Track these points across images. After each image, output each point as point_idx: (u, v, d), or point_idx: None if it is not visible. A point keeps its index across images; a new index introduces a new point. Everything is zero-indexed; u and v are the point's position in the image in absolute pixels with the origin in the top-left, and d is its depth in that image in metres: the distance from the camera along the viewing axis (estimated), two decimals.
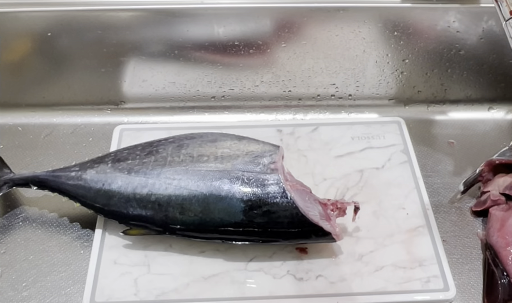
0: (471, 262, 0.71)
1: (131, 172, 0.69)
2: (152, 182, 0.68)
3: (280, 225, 0.66)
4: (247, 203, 0.66)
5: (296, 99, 0.91)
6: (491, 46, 0.86)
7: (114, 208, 0.69)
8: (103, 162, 0.71)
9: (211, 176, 0.67)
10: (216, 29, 0.84)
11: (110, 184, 0.69)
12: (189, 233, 0.68)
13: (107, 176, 0.69)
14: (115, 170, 0.70)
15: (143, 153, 0.72)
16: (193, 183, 0.67)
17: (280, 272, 0.68)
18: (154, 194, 0.67)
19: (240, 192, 0.66)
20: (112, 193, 0.69)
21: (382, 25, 0.85)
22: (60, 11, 0.82)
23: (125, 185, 0.68)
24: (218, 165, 0.68)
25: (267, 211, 0.66)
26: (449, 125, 0.89)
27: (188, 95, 0.90)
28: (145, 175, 0.69)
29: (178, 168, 0.69)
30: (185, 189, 0.67)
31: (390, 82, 0.90)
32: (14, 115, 0.88)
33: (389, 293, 0.66)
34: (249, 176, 0.67)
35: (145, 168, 0.69)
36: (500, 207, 0.73)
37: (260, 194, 0.66)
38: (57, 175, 0.71)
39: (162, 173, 0.68)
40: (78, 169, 0.71)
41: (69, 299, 0.67)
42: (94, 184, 0.70)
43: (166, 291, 0.66)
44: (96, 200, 0.69)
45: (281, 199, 0.66)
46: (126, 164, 0.70)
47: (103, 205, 0.69)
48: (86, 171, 0.71)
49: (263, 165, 0.68)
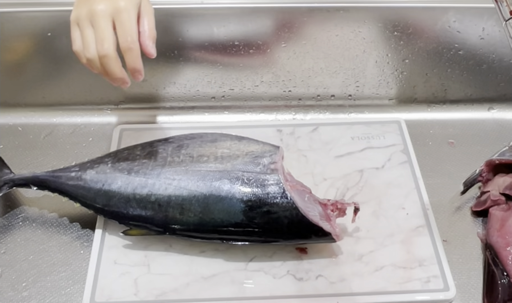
0: (471, 262, 0.71)
1: (131, 173, 0.69)
2: (152, 183, 0.68)
3: (280, 226, 0.66)
4: (247, 204, 0.66)
5: (296, 99, 0.91)
6: (491, 46, 0.86)
7: (114, 208, 0.69)
8: (103, 162, 0.71)
9: (211, 177, 0.67)
10: (216, 29, 0.84)
11: (110, 185, 0.69)
12: (189, 233, 0.68)
13: (107, 177, 0.69)
14: (115, 170, 0.70)
15: (143, 153, 0.72)
16: (193, 184, 0.67)
17: (280, 272, 0.68)
18: (154, 195, 0.67)
19: (240, 193, 0.66)
20: (112, 194, 0.69)
21: (382, 25, 0.85)
22: (60, 11, 0.82)
23: (125, 185, 0.68)
24: (218, 166, 0.68)
25: (267, 212, 0.66)
26: (449, 125, 0.89)
27: (188, 95, 0.90)
28: (145, 176, 0.69)
29: (178, 168, 0.69)
30: (185, 189, 0.67)
31: (390, 82, 0.90)
32: (14, 115, 0.88)
33: (389, 293, 0.66)
34: (249, 177, 0.67)
35: (145, 169, 0.69)
36: (500, 207, 0.73)
37: (260, 195, 0.66)
38: (57, 176, 0.71)
39: (162, 174, 0.68)
40: (78, 170, 0.71)
41: (69, 299, 0.67)
42: (94, 185, 0.70)
43: (166, 291, 0.66)
44: (96, 201, 0.69)
45: (281, 200, 0.66)
46: (126, 164, 0.70)
47: (103, 206, 0.69)
48: (86, 172, 0.71)
49: (263, 165, 0.68)
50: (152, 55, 0.66)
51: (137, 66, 0.64)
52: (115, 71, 0.64)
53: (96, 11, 0.62)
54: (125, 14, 0.63)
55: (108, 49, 0.62)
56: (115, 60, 0.63)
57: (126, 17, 0.63)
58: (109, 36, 0.62)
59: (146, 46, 0.65)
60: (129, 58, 0.64)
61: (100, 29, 0.62)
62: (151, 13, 0.66)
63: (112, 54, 0.63)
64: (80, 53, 0.65)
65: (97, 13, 0.62)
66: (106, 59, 0.63)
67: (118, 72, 0.64)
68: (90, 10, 0.63)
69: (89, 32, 0.63)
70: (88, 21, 0.63)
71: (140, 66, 0.65)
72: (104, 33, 0.62)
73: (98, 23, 0.62)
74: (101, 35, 0.62)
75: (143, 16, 0.65)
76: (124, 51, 0.63)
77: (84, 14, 0.63)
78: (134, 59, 0.64)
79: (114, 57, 0.63)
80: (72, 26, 0.65)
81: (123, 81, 0.66)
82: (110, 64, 0.63)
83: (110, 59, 0.63)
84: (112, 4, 0.63)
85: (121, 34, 0.63)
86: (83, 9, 0.64)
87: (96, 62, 0.64)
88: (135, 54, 0.64)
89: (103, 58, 0.63)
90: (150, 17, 0.66)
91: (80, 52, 0.65)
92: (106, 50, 0.62)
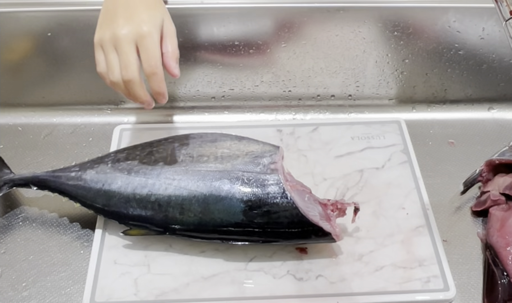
0: (471, 262, 0.71)
1: (131, 173, 0.69)
2: (152, 182, 0.68)
3: (280, 226, 0.66)
4: (247, 204, 0.66)
5: (296, 99, 0.91)
6: (491, 46, 0.86)
7: (114, 208, 0.69)
8: (103, 162, 0.71)
9: (211, 176, 0.67)
10: (216, 29, 0.84)
11: (110, 185, 0.69)
12: (189, 233, 0.68)
13: (107, 177, 0.69)
14: (115, 170, 0.70)
15: (143, 153, 0.72)
16: (193, 183, 0.67)
17: (280, 272, 0.68)
18: (154, 195, 0.67)
19: (240, 193, 0.66)
20: (112, 194, 0.69)
21: (382, 25, 0.85)
22: (60, 11, 0.82)
23: (125, 185, 0.68)
24: (218, 165, 0.68)
25: (267, 211, 0.66)
26: (449, 125, 0.89)
27: (188, 95, 0.90)
28: (145, 176, 0.69)
29: (178, 168, 0.69)
30: (185, 189, 0.67)
31: (390, 82, 0.90)
32: (14, 115, 0.88)
33: (389, 293, 0.66)
34: (249, 177, 0.67)
35: (145, 169, 0.69)
36: (500, 207, 0.73)
37: (260, 195, 0.66)
38: (57, 176, 0.71)
39: (162, 173, 0.68)
40: (78, 170, 0.71)
41: (69, 299, 0.67)
42: (94, 185, 0.70)
43: (166, 291, 0.66)
44: (96, 201, 0.69)
45: (281, 200, 0.66)
46: (126, 164, 0.70)
47: (103, 205, 0.69)
48: (86, 172, 0.71)
49: (263, 165, 0.68)
50: (176, 75, 0.67)
51: (161, 90, 0.65)
52: (140, 95, 0.65)
53: (120, 36, 0.63)
54: (149, 39, 0.63)
55: (132, 75, 0.63)
56: (140, 85, 0.64)
57: (149, 42, 0.63)
58: (133, 61, 0.63)
59: (170, 67, 0.66)
60: (154, 83, 0.65)
61: (124, 55, 0.63)
62: (174, 33, 0.67)
63: (136, 79, 0.64)
64: (105, 75, 0.66)
65: (121, 38, 0.63)
66: (131, 84, 0.64)
67: (143, 95, 0.65)
68: (113, 34, 0.63)
69: (113, 57, 0.64)
70: (112, 45, 0.64)
71: (164, 90, 0.66)
72: (128, 58, 0.63)
73: (122, 48, 0.63)
74: (125, 60, 0.63)
75: (166, 37, 0.66)
76: (148, 75, 0.64)
77: (107, 38, 0.64)
78: (158, 84, 0.65)
79: (138, 82, 0.64)
80: (96, 48, 0.66)
81: (147, 103, 0.67)
82: (134, 88, 0.64)
83: (135, 84, 0.64)
84: (135, 29, 0.63)
85: (145, 59, 0.63)
86: (107, 33, 0.64)
87: (120, 85, 0.65)
88: (159, 79, 0.64)
89: (127, 82, 0.64)
90: (173, 38, 0.67)
91: (105, 74, 0.66)
92: (131, 75, 0.63)
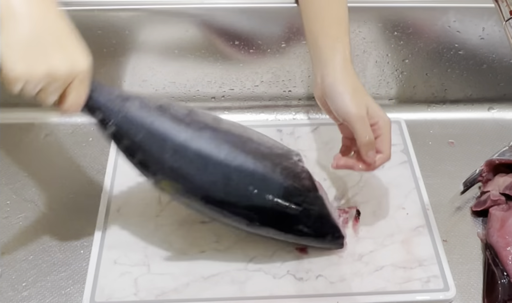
0: (471, 262, 0.71)
1: (181, 124, 0.63)
2: (203, 142, 0.63)
3: (307, 220, 0.66)
4: (287, 190, 0.65)
5: (296, 99, 0.91)
6: (491, 46, 0.86)
7: (155, 150, 0.62)
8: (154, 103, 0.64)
9: (257, 157, 0.65)
10: (215, 29, 0.84)
11: (154, 123, 0.62)
12: (220, 206, 0.64)
13: (155, 117, 0.62)
14: (165, 113, 0.63)
15: (193, 117, 0.66)
16: (241, 158, 0.64)
17: (280, 272, 0.68)
18: (202, 155, 0.63)
19: (280, 179, 0.65)
20: (156, 133, 0.62)
21: (382, 25, 0.85)
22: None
23: (176, 132, 0.62)
24: (263, 149, 0.67)
25: (298, 203, 0.65)
26: (449, 125, 0.89)
27: (188, 95, 0.90)
28: (199, 131, 0.64)
29: (230, 140, 0.65)
30: (233, 161, 0.64)
31: (390, 82, 0.90)
32: (14, 115, 0.88)
33: (389, 293, 0.66)
34: (287, 165, 0.67)
35: (197, 129, 0.64)
36: (500, 207, 0.72)
37: (296, 184, 0.66)
38: None
39: (213, 139, 0.64)
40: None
41: (69, 299, 0.67)
42: (140, 120, 0.62)
43: (166, 291, 0.66)
44: (135, 135, 0.62)
45: (313, 194, 0.67)
46: (178, 115, 0.64)
47: (140, 142, 0.62)
48: (134, 101, 0.63)
49: (293, 161, 0.69)
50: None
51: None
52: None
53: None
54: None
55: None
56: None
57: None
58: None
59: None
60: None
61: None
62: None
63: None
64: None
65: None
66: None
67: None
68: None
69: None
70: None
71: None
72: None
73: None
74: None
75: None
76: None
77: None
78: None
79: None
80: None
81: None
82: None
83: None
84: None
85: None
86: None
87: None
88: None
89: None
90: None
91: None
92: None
